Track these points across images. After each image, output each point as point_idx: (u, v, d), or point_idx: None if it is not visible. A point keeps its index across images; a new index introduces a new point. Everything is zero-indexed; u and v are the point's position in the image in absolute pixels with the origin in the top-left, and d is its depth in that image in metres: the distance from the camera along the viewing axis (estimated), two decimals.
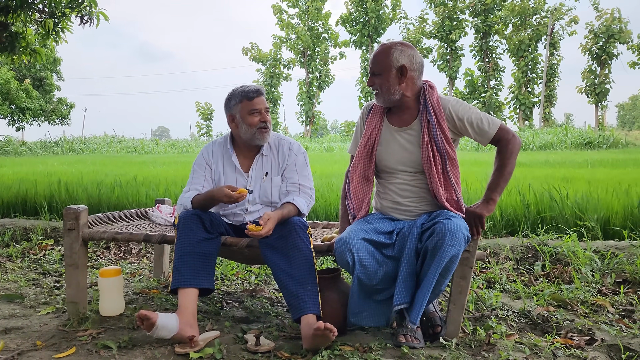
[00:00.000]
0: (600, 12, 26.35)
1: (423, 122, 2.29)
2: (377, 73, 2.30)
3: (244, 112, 2.50)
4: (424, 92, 2.33)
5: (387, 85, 2.29)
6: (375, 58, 2.31)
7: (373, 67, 2.32)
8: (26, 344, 2.27)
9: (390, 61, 2.27)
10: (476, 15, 28.25)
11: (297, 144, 2.65)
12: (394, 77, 2.28)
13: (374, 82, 2.32)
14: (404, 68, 2.27)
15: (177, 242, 2.36)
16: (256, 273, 3.55)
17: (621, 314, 2.66)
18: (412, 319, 2.17)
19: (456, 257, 2.10)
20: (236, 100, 2.52)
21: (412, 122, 2.34)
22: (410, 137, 2.33)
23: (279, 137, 2.66)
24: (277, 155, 2.60)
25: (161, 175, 7.62)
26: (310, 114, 31.08)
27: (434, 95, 2.31)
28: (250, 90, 2.51)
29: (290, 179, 2.57)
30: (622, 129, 40.19)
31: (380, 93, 2.32)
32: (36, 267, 3.74)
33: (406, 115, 2.36)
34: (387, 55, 2.28)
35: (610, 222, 3.93)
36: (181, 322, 2.18)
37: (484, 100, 28.05)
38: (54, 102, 29.82)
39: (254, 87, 2.53)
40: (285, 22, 30.98)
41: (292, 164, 2.58)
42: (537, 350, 2.19)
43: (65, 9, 4.81)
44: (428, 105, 2.29)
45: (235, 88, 2.57)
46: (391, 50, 2.27)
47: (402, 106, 2.36)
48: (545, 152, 15.18)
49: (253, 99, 2.50)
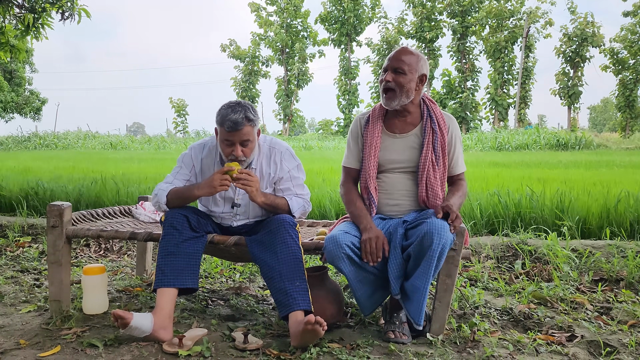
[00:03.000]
0: (574, 15, 26.92)
1: (427, 130, 2.37)
2: (403, 72, 2.32)
3: (221, 137, 2.35)
4: (425, 103, 2.44)
5: (409, 87, 2.34)
6: (404, 57, 2.33)
7: (400, 65, 2.32)
8: (9, 342, 2.23)
9: (418, 66, 2.35)
10: (454, 17, 28.58)
11: (289, 153, 2.53)
12: (415, 81, 2.35)
13: (397, 80, 2.32)
14: (424, 77, 2.38)
15: (162, 240, 2.34)
16: (240, 271, 3.54)
17: (599, 311, 2.73)
18: (419, 322, 2.21)
19: (444, 249, 2.13)
20: (217, 120, 2.34)
21: (414, 129, 2.42)
22: (412, 142, 2.40)
23: (270, 145, 2.52)
24: (268, 166, 2.49)
25: (140, 172, 7.54)
26: (288, 111, 31.06)
27: (437, 108, 2.43)
28: (228, 121, 2.26)
29: (287, 190, 2.50)
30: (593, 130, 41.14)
31: (396, 93, 2.34)
32: (14, 264, 3.67)
33: (408, 121, 2.44)
34: (416, 59, 2.35)
35: (587, 222, 4.03)
36: (155, 324, 2.17)
37: (460, 100, 28.42)
38: (26, 95, 29.17)
39: (235, 118, 2.26)
40: (263, 20, 30.87)
41: (287, 176, 2.50)
42: (520, 346, 2.24)
43: (45, 4, 4.71)
44: (432, 115, 2.39)
45: (224, 105, 2.36)
46: (419, 57, 2.37)
47: (405, 112, 2.42)
48: (520, 153, 15.45)
49: (229, 132, 2.29)
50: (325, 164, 9.27)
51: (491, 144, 18.80)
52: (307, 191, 2.55)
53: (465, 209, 4.28)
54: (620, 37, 26.63)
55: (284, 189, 2.50)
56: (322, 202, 4.69)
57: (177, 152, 16.45)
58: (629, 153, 14.91)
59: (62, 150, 20.51)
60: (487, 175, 6.69)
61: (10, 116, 28.96)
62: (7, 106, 27.81)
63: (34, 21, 4.75)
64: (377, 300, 2.35)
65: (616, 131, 29.14)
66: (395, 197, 2.41)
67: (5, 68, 27.87)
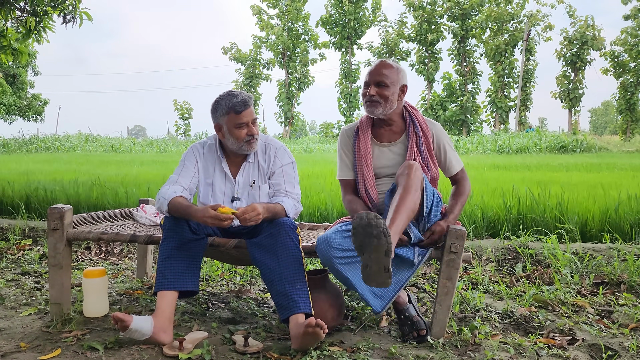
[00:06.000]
0: (575, 19, 26.94)
1: (411, 135, 2.49)
2: (385, 85, 2.42)
3: (231, 125, 2.40)
4: (408, 111, 2.56)
5: (392, 98, 2.44)
6: (385, 71, 2.44)
7: (382, 79, 2.42)
8: (9, 345, 2.23)
9: (399, 77, 2.46)
10: (454, 20, 28.59)
11: (283, 149, 2.58)
12: (397, 92, 2.46)
13: (380, 93, 2.42)
14: (405, 87, 2.50)
15: (162, 243, 2.34)
16: (241, 274, 3.54)
17: (600, 314, 2.73)
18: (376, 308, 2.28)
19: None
20: (223, 112, 2.40)
21: (400, 137, 2.53)
22: (399, 150, 2.52)
23: (266, 142, 2.58)
24: (263, 160, 2.54)
25: (141, 175, 7.54)
26: (289, 114, 31.05)
27: (419, 114, 2.56)
28: (238, 103, 2.37)
29: (277, 185, 2.52)
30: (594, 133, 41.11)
31: (381, 104, 2.43)
32: (15, 267, 3.67)
33: (393, 130, 2.55)
34: (396, 71, 2.46)
35: (587, 225, 4.02)
36: (156, 327, 2.17)
37: (461, 103, 28.41)
38: (28, 99, 29.19)
39: (242, 98, 2.39)
40: (265, 23, 30.89)
41: (279, 170, 2.53)
42: (521, 350, 2.23)
43: (47, 8, 4.71)
44: (415, 121, 2.52)
45: (222, 96, 2.44)
46: (399, 69, 2.47)
47: (389, 121, 2.53)
48: (521, 155, 15.44)
49: (240, 113, 2.38)
50: (327, 166, 9.26)
51: (492, 146, 18.78)
52: (297, 190, 2.55)
53: (466, 212, 4.28)
54: (621, 41, 26.64)
55: (274, 184, 2.52)
56: (323, 204, 4.68)
57: (178, 155, 16.46)
58: (629, 155, 14.90)
59: (63, 153, 20.51)
60: (488, 178, 6.70)
61: (13, 117, 28.97)
62: (10, 110, 27.82)
63: (35, 24, 4.75)
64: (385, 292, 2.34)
65: (617, 134, 29.12)
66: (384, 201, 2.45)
67: (8, 72, 27.89)
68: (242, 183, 2.54)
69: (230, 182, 2.52)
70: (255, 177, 2.54)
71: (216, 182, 2.54)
